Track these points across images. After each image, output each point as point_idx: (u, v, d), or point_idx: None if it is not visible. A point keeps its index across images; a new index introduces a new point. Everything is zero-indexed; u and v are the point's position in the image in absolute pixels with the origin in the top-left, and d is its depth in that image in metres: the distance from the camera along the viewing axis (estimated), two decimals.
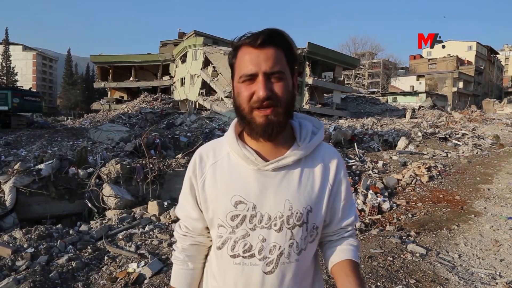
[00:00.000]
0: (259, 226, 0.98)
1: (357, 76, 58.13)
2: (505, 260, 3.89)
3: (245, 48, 0.94)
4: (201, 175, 1.05)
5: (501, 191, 6.87)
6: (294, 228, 0.99)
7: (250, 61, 0.93)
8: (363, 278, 1.08)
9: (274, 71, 0.93)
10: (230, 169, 1.03)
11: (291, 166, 1.01)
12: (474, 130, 16.16)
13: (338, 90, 33.08)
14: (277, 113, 0.94)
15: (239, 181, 1.00)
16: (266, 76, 0.92)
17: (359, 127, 17.83)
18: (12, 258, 3.91)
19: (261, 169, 1.00)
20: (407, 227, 5.02)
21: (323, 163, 1.05)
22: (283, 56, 0.95)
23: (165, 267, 3.67)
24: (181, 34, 45.25)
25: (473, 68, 61.47)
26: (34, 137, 15.48)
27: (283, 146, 1.02)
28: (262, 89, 0.91)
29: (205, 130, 14.61)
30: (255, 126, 0.95)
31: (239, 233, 0.99)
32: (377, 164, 9.15)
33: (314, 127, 1.08)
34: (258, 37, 0.92)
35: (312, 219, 1.01)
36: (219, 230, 1.02)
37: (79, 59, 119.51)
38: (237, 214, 0.99)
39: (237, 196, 0.99)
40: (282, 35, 0.96)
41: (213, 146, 1.10)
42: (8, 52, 61.93)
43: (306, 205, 1.00)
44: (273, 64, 0.92)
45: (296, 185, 1.00)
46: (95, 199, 6.40)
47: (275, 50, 0.94)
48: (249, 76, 0.93)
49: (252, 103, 0.93)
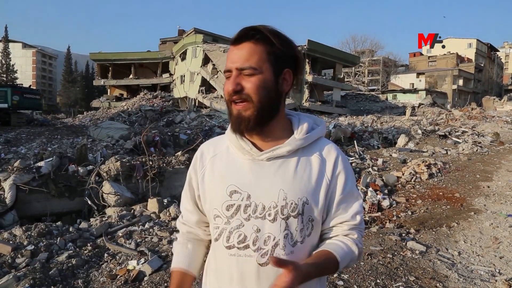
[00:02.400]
0: (253, 216, 0.98)
1: (357, 73, 58.02)
2: (504, 257, 3.90)
3: (230, 46, 1.00)
4: (201, 168, 1.09)
5: (501, 188, 6.87)
6: (288, 219, 0.98)
7: (228, 58, 0.99)
8: (326, 265, 0.97)
9: (244, 67, 0.95)
10: (228, 160, 1.05)
11: (287, 156, 1.02)
12: (474, 128, 16.15)
13: (338, 88, 33.04)
14: (248, 108, 0.97)
15: (235, 172, 1.02)
16: (238, 72, 0.96)
17: (359, 125, 17.83)
18: (12, 255, 3.91)
19: (256, 159, 1.01)
20: (407, 225, 5.03)
21: (321, 156, 1.04)
22: (262, 50, 0.96)
23: (165, 264, 3.67)
24: (180, 31, 45.20)
25: (473, 66, 61.40)
26: (33, 134, 15.46)
27: (280, 139, 1.03)
28: (230, 83, 0.97)
29: (205, 128, 14.61)
30: (231, 119, 1.01)
31: (234, 223, 0.99)
32: (376, 162, 9.15)
33: (314, 124, 1.09)
34: (235, 36, 0.98)
35: (308, 211, 1.00)
36: (215, 221, 1.03)
37: (78, 56, 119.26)
38: (232, 204, 1.00)
39: (232, 186, 1.00)
40: (259, 29, 0.96)
41: (214, 141, 1.14)
42: (7, 50, 61.82)
43: (301, 196, 0.99)
44: (244, 60, 0.95)
45: (292, 175, 1.00)
46: (95, 197, 6.40)
47: (252, 46, 0.96)
48: (226, 72, 0.99)
49: (228, 98, 0.99)
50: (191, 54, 31.97)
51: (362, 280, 3.27)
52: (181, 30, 45.70)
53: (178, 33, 45.37)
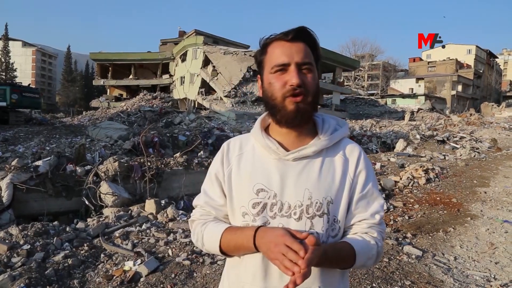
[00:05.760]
0: (279, 214, 1.00)
1: (356, 77, 58.19)
2: (500, 263, 3.91)
3: (277, 42, 1.01)
4: (227, 165, 1.10)
5: (498, 194, 6.90)
6: (314, 218, 0.99)
7: (283, 53, 0.99)
8: (350, 257, 0.98)
9: (305, 62, 0.99)
10: (254, 159, 1.07)
11: (312, 156, 1.04)
12: (472, 133, 16.19)
13: (337, 92, 33.14)
14: (306, 101, 1.00)
15: (261, 171, 1.04)
16: (298, 67, 0.99)
17: (358, 129, 17.87)
18: (8, 254, 3.89)
19: (282, 159, 1.03)
20: (404, 229, 5.03)
21: (344, 156, 1.07)
22: (311, 53, 1.03)
23: (161, 265, 3.67)
24: (181, 32, 45.26)
25: (472, 72, 61.67)
26: (32, 133, 15.43)
27: (306, 139, 1.05)
28: (296, 77, 0.97)
29: (204, 129, 14.58)
30: (285, 114, 1.00)
31: (259, 221, 1.00)
32: (375, 166, 9.17)
33: (337, 124, 1.12)
34: (289, 33, 1.00)
35: (333, 211, 1.02)
36: (245, 218, 1.03)
37: (78, 56, 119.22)
38: (258, 202, 1.01)
39: (259, 184, 1.02)
40: (310, 32, 1.03)
41: (241, 139, 1.15)
42: (7, 48, 61.81)
43: (326, 196, 1.01)
44: (304, 56, 1.00)
45: (317, 175, 1.02)
46: (92, 197, 6.39)
47: (305, 46, 1.01)
48: (282, 65, 0.99)
49: (285, 92, 0.99)
50: (191, 56, 32.02)
51: (358, 284, 3.27)
52: (181, 31, 45.77)
53: (179, 34, 45.42)
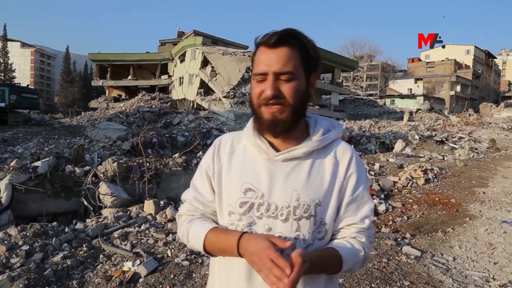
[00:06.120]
0: (266, 215, 0.99)
1: (355, 78, 58.25)
2: (499, 263, 3.92)
3: (261, 48, 0.99)
4: (218, 161, 1.09)
5: (496, 194, 6.91)
6: (300, 220, 0.98)
7: (262, 61, 0.97)
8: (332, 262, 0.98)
9: (283, 72, 0.96)
10: (245, 158, 1.06)
11: (302, 158, 1.02)
12: (471, 134, 16.22)
13: (336, 92, 33.14)
14: (283, 111, 0.97)
15: (250, 170, 1.03)
16: (276, 76, 0.96)
17: (357, 129, 17.89)
18: (7, 255, 3.89)
19: (271, 159, 1.02)
20: (403, 229, 5.04)
21: (335, 158, 1.05)
22: (298, 55, 0.98)
23: (160, 266, 3.67)
24: (180, 33, 45.22)
25: (471, 72, 61.72)
26: (31, 134, 15.41)
27: (297, 140, 1.04)
28: (269, 89, 0.95)
29: (203, 130, 14.58)
30: (262, 121, 1.00)
31: (245, 221, 0.99)
32: (374, 166, 9.18)
33: (330, 126, 1.10)
34: (272, 37, 0.96)
35: (321, 214, 1.00)
36: (231, 217, 1.02)
37: (77, 56, 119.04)
38: (245, 201, 1.00)
39: (247, 183, 1.01)
40: (296, 35, 0.99)
41: (232, 136, 1.13)
42: (6, 49, 61.63)
43: (314, 198, 0.99)
44: (283, 64, 0.95)
45: (305, 177, 1.01)
46: (91, 197, 6.38)
47: (289, 49, 0.97)
48: (260, 75, 0.98)
49: (260, 100, 0.98)
50: (190, 56, 32.01)
51: (357, 284, 3.27)
52: (180, 32, 45.74)
53: (178, 35, 45.39)
